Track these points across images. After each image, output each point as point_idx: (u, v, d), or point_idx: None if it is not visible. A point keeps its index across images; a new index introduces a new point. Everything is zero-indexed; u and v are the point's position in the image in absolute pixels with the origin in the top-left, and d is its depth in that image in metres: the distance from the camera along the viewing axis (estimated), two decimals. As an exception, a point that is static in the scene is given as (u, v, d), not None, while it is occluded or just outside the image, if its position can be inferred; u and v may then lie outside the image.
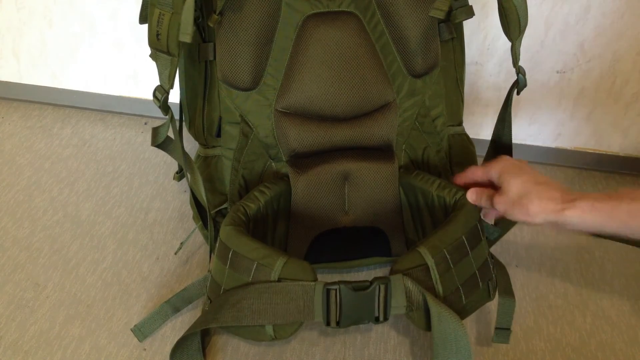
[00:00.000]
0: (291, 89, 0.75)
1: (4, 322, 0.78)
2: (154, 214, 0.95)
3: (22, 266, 0.86)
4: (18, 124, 1.14)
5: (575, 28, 0.93)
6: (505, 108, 0.81)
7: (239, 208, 0.73)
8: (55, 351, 0.75)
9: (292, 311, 0.64)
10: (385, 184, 0.77)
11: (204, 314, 0.70)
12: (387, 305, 0.65)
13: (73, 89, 1.16)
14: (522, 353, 0.77)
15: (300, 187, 0.76)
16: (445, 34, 0.80)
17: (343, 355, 0.76)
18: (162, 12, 0.68)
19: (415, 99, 0.80)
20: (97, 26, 1.07)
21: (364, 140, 0.77)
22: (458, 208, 0.72)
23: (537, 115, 1.04)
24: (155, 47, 0.71)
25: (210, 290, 0.71)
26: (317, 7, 0.74)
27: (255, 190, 0.76)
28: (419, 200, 0.79)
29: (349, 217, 0.79)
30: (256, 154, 0.80)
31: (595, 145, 1.06)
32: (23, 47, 1.12)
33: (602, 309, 0.82)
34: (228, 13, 0.73)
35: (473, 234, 0.70)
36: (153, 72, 0.73)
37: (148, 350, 0.76)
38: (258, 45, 0.74)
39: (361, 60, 0.75)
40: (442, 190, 0.76)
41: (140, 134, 1.13)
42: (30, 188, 1.00)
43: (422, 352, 0.77)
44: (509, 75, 0.99)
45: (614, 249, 0.91)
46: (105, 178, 1.02)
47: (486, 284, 0.71)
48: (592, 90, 0.99)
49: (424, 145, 0.83)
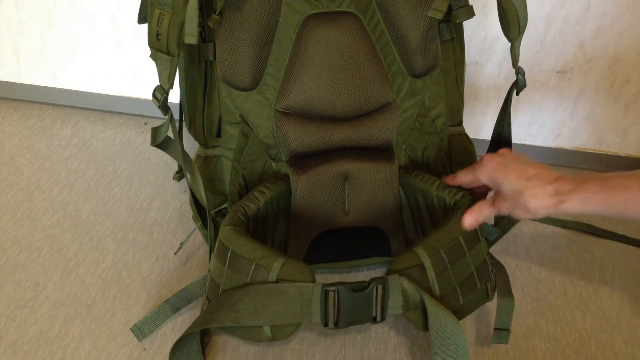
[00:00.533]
0: (291, 89, 0.75)
1: (4, 322, 0.78)
2: (154, 214, 0.95)
3: (22, 266, 0.86)
4: (18, 124, 1.14)
5: (575, 28, 0.93)
6: (505, 108, 0.81)
7: (238, 208, 0.73)
8: (55, 351, 0.75)
9: (289, 312, 0.64)
10: (385, 184, 0.77)
11: (202, 314, 0.70)
12: (385, 306, 0.65)
13: (73, 89, 1.16)
14: (522, 353, 0.77)
15: (300, 187, 0.76)
16: (446, 34, 0.80)
17: (343, 355, 0.76)
18: (162, 12, 0.68)
19: (415, 99, 0.80)
20: (97, 26, 1.07)
21: (364, 141, 0.78)
22: (456, 208, 0.72)
23: (537, 115, 1.04)
24: (155, 47, 0.71)
25: (209, 291, 0.71)
26: (317, 7, 0.74)
27: (255, 191, 0.76)
28: (418, 200, 0.79)
29: (349, 217, 0.79)
30: (256, 154, 0.80)
31: (595, 145, 1.06)
32: (23, 47, 1.12)
33: (602, 309, 0.82)
34: (228, 13, 0.73)
35: (471, 235, 0.70)
36: (153, 72, 0.73)
37: (148, 350, 0.76)
38: (258, 46, 0.74)
39: (361, 60, 0.75)
40: (441, 191, 0.76)
41: (140, 134, 1.13)
42: (30, 188, 1.00)
43: (422, 352, 0.77)
44: (509, 75, 0.99)
45: (614, 249, 0.91)
46: (105, 178, 1.02)
47: (484, 285, 0.71)
48: (592, 90, 0.99)
49: (423, 145, 0.83)
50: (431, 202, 0.78)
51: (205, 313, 0.69)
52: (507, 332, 0.74)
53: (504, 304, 0.73)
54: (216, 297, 0.69)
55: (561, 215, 0.94)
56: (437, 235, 0.68)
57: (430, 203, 0.78)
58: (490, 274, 0.72)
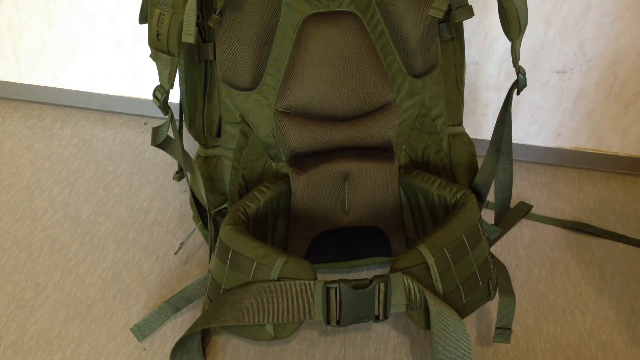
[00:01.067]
0: (291, 88, 0.75)
1: (4, 322, 0.78)
2: (154, 214, 0.95)
3: (22, 266, 0.86)
4: (18, 124, 1.14)
5: (575, 28, 0.93)
6: (505, 108, 0.81)
7: (238, 208, 0.73)
8: (55, 351, 0.75)
9: (292, 310, 0.64)
10: (385, 184, 0.77)
11: (204, 313, 0.70)
12: (387, 304, 0.65)
13: (73, 89, 1.16)
14: (522, 353, 0.77)
15: (300, 187, 0.76)
16: (446, 34, 0.80)
17: (343, 355, 0.76)
18: (162, 12, 0.68)
19: (415, 99, 0.80)
20: (97, 26, 1.07)
21: (364, 140, 0.78)
22: (458, 207, 0.72)
23: (537, 115, 1.04)
24: (155, 47, 0.71)
25: (211, 290, 0.71)
26: (317, 7, 0.74)
27: (255, 190, 0.76)
28: (419, 199, 0.79)
29: (349, 217, 0.79)
30: (256, 154, 0.80)
31: (595, 145, 1.06)
32: (23, 47, 1.12)
33: (602, 309, 0.82)
34: (228, 13, 0.73)
35: (473, 233, 0.70)
36: (153, 72, 0.73)
37: (148, 350, 0.76)
38: (258, 45, 0.74)
39: (361, 60, 0.75)
40: (442, 190, 0.76)
41: (140, 134, 1.13)
42: (30, 188, 1.00)
43: (422, 352, 0.77)
44: (509, 75, 0.99)
45: (614, 249, 0.91)
46: (105, 178, 1.02)
47: (486, 283, 0.71)
48: (592, 90, 0.99)
49: (423, 145, 0.83)
50: (432, 201, 0.78)
51: (207, 312, 0.69)
52: (509, 331, 0.74)
53: (506, 302, 0.73)
54: (218, 296, 0.69)
55: (561, 215, 0.94)
56: (440, 234, 0.68)
57: (431, 202, 0.78)
58: (492, 272, 0.72)
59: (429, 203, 0.78)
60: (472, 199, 0.73)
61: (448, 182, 0.77)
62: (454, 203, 0.74)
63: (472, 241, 0.69)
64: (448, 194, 0.75)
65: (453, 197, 0.75)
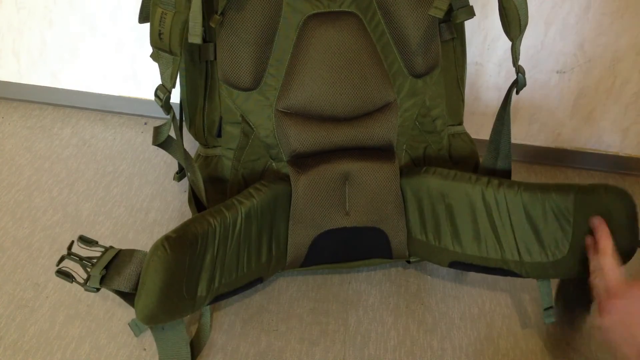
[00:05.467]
0: (292, 89, 0.75)
1: (4, 322, 0.78)
2: (154, 214, 0.95)
3: (22, 266, 0.86)
4: (18, 124, 1.14)
5: (575, 28, 0.93)
6: (504, 107, 0.81)
7: (192, 225, 0.70)
8: (55, 351, 0.75)
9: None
10: (386, 184, 0.77)
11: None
12: None
13: (73, 89, 1.16)
14: (522, 353, 0.77)
15: (300, 187, 0.76)
16: (446, 34, 0.80)
17: (343, 355, 0.76)
18: (164, 11, 0.68)
19: (416, 99, 0.80)
20: (97, 26, 1.07)
21: (364, 140, 0.77)
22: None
23: (537, 115, 1.04)
24: (157, 46, 0.71)
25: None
26: (318, 7, 0.74)
27: (251, 188, 0.75)
28: (432, 195, 0.78)
29: (349, 218, 0.79)
30: (257, 154, 0.80)
31: (595, 145, 1.06)
32: (23, 47, 1.12)
33: (602, 309, 0.82)
34: (229, 13, 0.73)
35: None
36: (153, 72, 0.73)
37: (148, 350, 0.75)
38: (259, 46, 0.74)
39: (362, 60, 0.75)
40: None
41: (140, 134, 1.13)
42: (30, 188, 0.99)
43: (422, 352, 0.77)
44: (509, 75, 0.99)
45: (614, 249, 0.91)
46: (105, 178, 1.02)
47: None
48: (592, 90, 0.99)
49: (424, 145, 0.83)
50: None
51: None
52: (551, 310, 0.76)
53: (544, 284, 0.76)
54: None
55: None
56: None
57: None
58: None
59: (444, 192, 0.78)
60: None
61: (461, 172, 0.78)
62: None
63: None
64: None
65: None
